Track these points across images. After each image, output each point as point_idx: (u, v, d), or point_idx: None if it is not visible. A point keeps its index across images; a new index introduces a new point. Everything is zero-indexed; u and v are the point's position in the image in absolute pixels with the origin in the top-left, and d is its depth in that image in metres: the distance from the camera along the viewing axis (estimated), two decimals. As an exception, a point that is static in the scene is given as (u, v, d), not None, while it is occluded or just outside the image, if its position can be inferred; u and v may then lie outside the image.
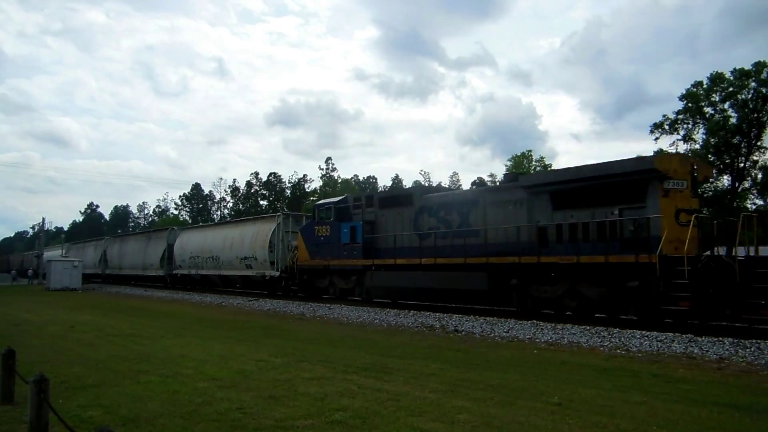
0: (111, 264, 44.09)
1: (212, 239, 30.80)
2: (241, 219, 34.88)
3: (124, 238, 46.15)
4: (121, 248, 43.07)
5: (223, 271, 29.69)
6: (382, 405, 6.18)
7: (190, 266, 32.57)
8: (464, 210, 17.20)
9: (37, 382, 4.80)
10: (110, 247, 45.51)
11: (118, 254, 42.96)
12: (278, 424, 5.44)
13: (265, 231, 26.34)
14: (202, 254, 31.21)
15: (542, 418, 5.69)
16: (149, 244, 38.47)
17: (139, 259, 38.85)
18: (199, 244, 31.98)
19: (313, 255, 21.99)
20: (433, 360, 9.57)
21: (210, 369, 8.33)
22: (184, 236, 34.83)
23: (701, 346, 10.36)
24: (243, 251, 27.50)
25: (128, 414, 5.80)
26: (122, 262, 42.13)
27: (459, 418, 5.68)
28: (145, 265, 37.88)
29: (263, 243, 26.04)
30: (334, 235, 21.06)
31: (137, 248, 39.79)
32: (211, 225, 35.63)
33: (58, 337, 12.52)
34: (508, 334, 12.88)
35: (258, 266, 26.51)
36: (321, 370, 8.33)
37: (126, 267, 41.40)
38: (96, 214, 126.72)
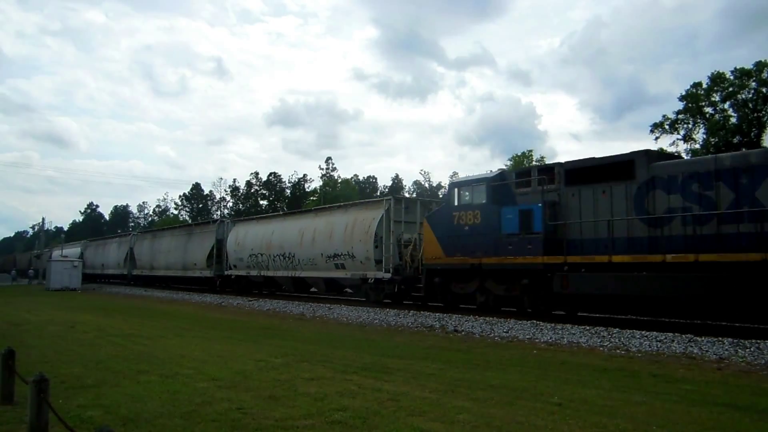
0: (140, 263, 38.57)
1: (282, 232, 24.77)
2: (326, 207, 27.39)
3: (156, 233, 39.71)
4: (153, 245, 37.38)
5: (300, 273, 23.45)
6: (382, 405, 6.18)
7: (250, 266, 26.68)
8: (746, 182, 11.44)
9: (37, 382, 4.80)
10: (139, 244, 39.97)
11: (150, 252, 37.37)
12: (278, 424, 5.44)
13: (367, 221, 20.07)
14: (268, 251, 25.12)
15: (542, 418, 5.69)
16: (191, 239, 32.49)
17: (178, 258, 33.16)
18: (262, 239, 25.81)
19: (450, 251, 16.28)
20: (433, 360, 9.57)
21: (210, 369, 8.33)
22: (240, 230, 28.53)
23: (701, 346, 10.36)
24: (332, 247, 21.34)
25: (128, 414, 5.80)
26: (155, 261, 36.47)
27: (459, 418, 5.68)
28: (187, 265, 32.28)
29: (365, 236, 19.85)
30: (488, 223, 15.40)
31: (175, 245, 33.88)
32: (280, 215, 28.35)
33: (58, 337, 12.52)
34: (508, 334, 12.88)
35: (355, 266, 20.44)
36: (321, 370, 8.33)
37: (160, 267, 35.70)
38: (96, 214, 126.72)
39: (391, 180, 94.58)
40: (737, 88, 42.87)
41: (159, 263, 35.97)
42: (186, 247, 32.58)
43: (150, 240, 38.82)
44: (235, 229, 29.11)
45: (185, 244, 32.88)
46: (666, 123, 46.25)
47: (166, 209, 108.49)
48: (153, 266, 36.76)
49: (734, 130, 42.80)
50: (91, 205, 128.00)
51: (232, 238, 28.52)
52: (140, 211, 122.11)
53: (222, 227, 30.47)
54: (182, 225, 40.62)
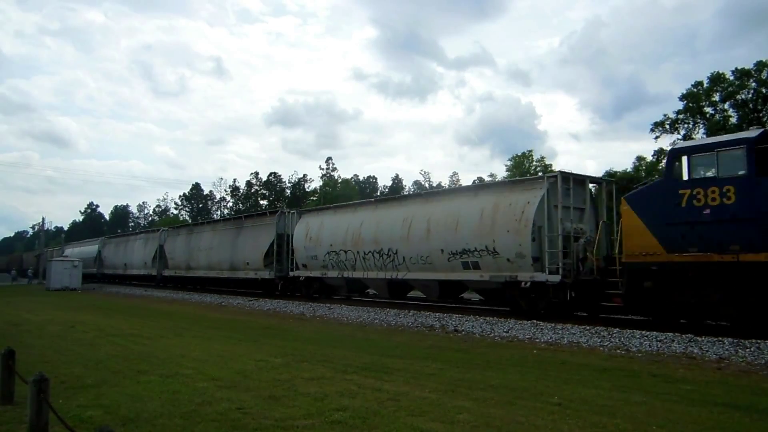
0: (173, 263, 33.83)
1: (378, 224, 19.52)
2: (443, 190, 21.28)
3: (194, 228, 34.42)
4: (190, 242, 32.28)
5: (405, 274, 18.37)
6: (382, 405, 6.18)
7: (327, 265, 21.64)
8: None
9: (37, 382, 4.80)
10: (171, 240, 34.92)
11: (185, 250, 32.45)
12: (278, 424, 5.44)
13: (519, 205, 15.06)
14: (355, 247, 20.11)
15: (542, 418, 5.69)
16: (242, 234, 27.61)
17: (224, 256, 28.40)
18: (347, 233, 20.66)
19: (675, 243, 11.85)
20: (433, 360, 9.57)
21: (210, 369, 8.33)
22: (311, 221, 23.33)
23: (701, 346, 10.36)
24: (459, 241, 16.26)
25: (128, 414, 5.81)
26: (193, 260, 31.55)
27: (459, 418, 5.68)
28: (236, 264, 27.30)
29: (516, 226, 14.83)
30: (751, 202, 10.97)
31: (220, 241, 29.22)
32: (371, 202, 22.36)
33: (58, 337, 12.52)
34: (508, 334, 12.88)
35: (497, 266, 15.39)
36: (321, 370, 8.33)
37: (200, 266, 30.78)
38: (96, 214, 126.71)
39: (391, 180, 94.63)
40: (737, 88, 42.88)
41: (198, 262, 30.94)
42: (235, 244, 27.50)
43: (186, 236, 33.37)
44: (304, 221, 23.78)
45: (234, 239, 27.83)
46: (666, 123, 46.27)
47: (166, 209, 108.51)
48: (190, 266, 31.82)
49: (734, 130, 42.79)
50: (91, 205, 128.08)
51: (300, 231, 23.35)
52: (140, 211, 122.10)
53: (284, 219, 25.31)
54: (228, 218, 33.98)
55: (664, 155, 37.05)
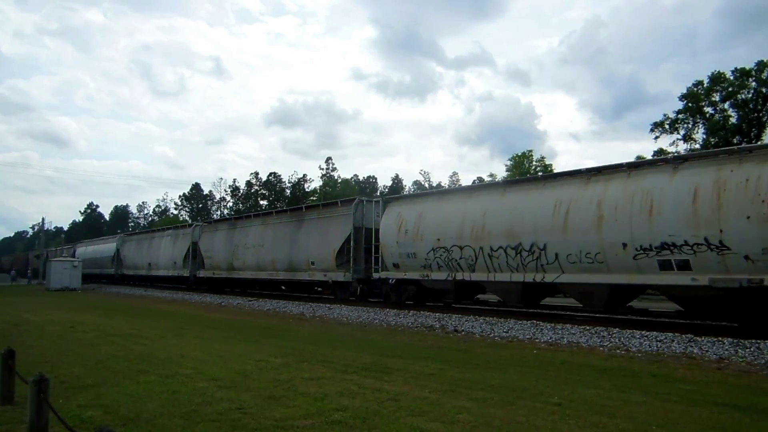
0: (211, 262, 29.63)
1: (510, 211, 15.19)
2: (616, 165, 14.00)
3: (238, 222, 29.36)
4: (233, 238, 27.92)
5: (557, 276, 14.12)
6: (382, 405, 6.18)
7: (431, 265, 17.26)
8: None
9: (37, 382, 4.79)
10: (207, 237, 30.70)
11: (227, 247, 28.09)
12: (278, 424, 5.44)
13: (766, 181, 10.91)
14: (477, 242, 15.75)
15: (542, 418, 5.69)
16: (304, 228, 23.19)
17: (281, 254, 23.90)
18: (461, 223, 16.33)
19: None
20: (433, 360, 9.57)
21: (210, 369, 8.33)
22: (403, 210, 18.72)
23: (701, 346, 10.36)
24: (652, 232, 12.31)
25: (128, 414, 5.80)
26: (238, 260, 27.01)
27: (459, 418, 5.68)
28: (296, 264, 23.01)
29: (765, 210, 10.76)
30: None
31: (275, 237, 24.71)
32: (497, 186, 18.24)
33: (58, 337, 12.52)
34: (508, 334, 12.88)
35: (720, 265, 11.37)
36: (321, 370, 8.33)
37: (246, 267, 26.33)
38: (96, 214, 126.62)
39: (391, 180, 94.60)
40: (737, 88, 42.87)
41: (244, 262, 26.52)
42: (296, 240, 23.24)
43: (226, 232, 29.11)
44: (393, 210, 19.18)
45: (293, 235, 23.57)
46: (666, 123, 46.25)
47: (166, 209, 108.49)
48: (233, 266, 27.45)
49: (734, 130, 42.78)
50: (91, 205, 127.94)
51: (389, 224, 18.84)
52: (140, 211, 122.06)
53: (361, 209, 20.68)
54: (285, 209, 28.67)
55: (663, 155, 37.05)
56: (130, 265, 40.73)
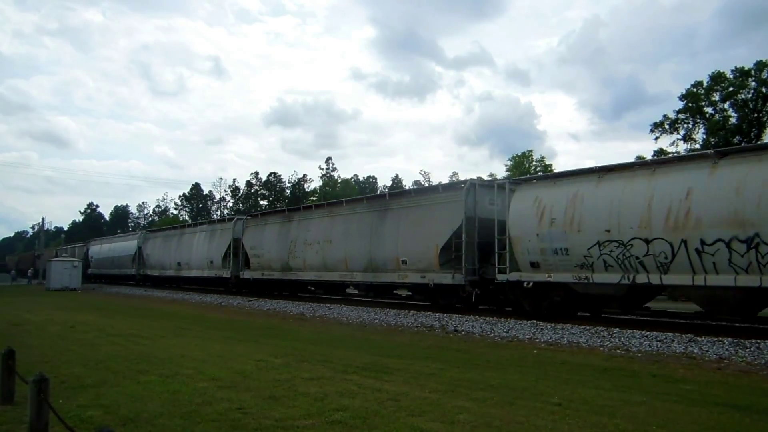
0: (260, 262, 25.26)
1: (736, 189, 11.16)
2: None
3: (293, 215, 24.47)
4: (289, 233, 23.41)
5: None
6: (382, 405, 6.18)
7: (592, 264, 13.35)
8: None
9: (37, 382, 4.79)
10: (254, 231, 26.27)
11: (281, 243, 23.66)
12: (278, 424, 5.44)
13: None
14: (674, 233, 11.88)
15: (542, 418, 5.69)
16: (389, 219, 18.82)
17: (356, 251, 19.61)
18: (646, 208, 12.43)
19: None
20: (433, 360, 9.57)
21: (210, 369, 8.33)
22: (543, 195, 14.67)
23: (701, 346, 10.36)
24: None
25: (128, 414, 5.80)
26: (296, 258, 22.59)
27: (459, 418, 5.68)
28: (380, 263, 18.80)
29: None
30: None
31: (348, 230, 20.29)
32: (693, 157, 13.76)
33: (58, 337, 12.52)
34: (508, 334, 12.88)
35: None
36: (321, 370, 8.33)
37: (308, 266, 22.10)
38: (96, 214, 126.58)
39: (391, 180, 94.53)
40: (737, 87, 42.88)
41: (303, 261, 22.26)
42: (379, 234, 18.86)
43: (280, 225, 24.54)
44: (527, 194, 15.17)
45: (374, 228, 19.11)
46: (666, 123, 46.25)
47: (166, 209, 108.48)
48: (291, 266, 23.09)
49: (734, 130, 42.79)
50: (91, 205, 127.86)
51: (523, 211, 14.89)
52: (140, 211, 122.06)
53: (473, 195, 16.51)
54: (361, 197, 23.76)
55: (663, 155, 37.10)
56: (154, 265, 36.36)
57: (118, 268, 42.58)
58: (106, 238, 52.50)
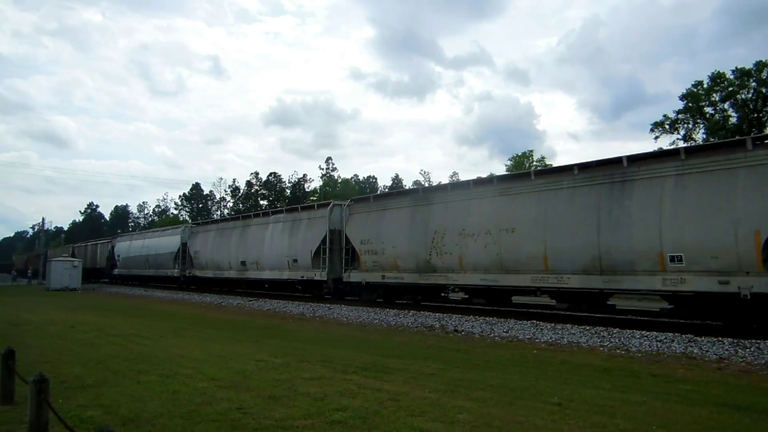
0: (374, 260, 19.39)
1: None
2: None
3: (429, 195, 18.51)
4: (427, 220, 17.59)
5: None
6: (382, 405, 6.18)
7: None
8: None
9: (37, 382, 4.79)
10: (364, 219, 20.26)
11: (414, 235, 17.92)
12: (278, 424, 5.44)
13: None
14: None
15: (542, 418, 5.69)
16: (625, 199, 12.87)
17: (566, 243, 13.90)
18: None
19: None
20: (433, 360, 9.57)
21: (210, 369, 8.33)
22: None
23: (701, 346, 10.37)
24: None
25: (128, 414, 5.80)
26: (440, 254, 16.97)
27: (459, 418, 5.68)
28: (611, 260, 12.95)
29: None
30: None
31: (544, 215, 14.47)
32: None
33: (58, 337, 12.51)
34: (508, 334, 12.88)
35: None
36: (321, 370, 8.33)
37: (467, 266, 16.22)
38: (96, 214, 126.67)
39: (391, 180, 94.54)
40: (737, 88, 42.89)
41: (461, 258, 16.23)
42: (611, 219, 13.06)
43: (410, 210, 18.36)
44: None
45: (604, 210, 13.23)
46: (666, 123, 46.26)
47: (166, 209, 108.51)
48: (433, 265, 17.14)
49: (734, 130, 42.78)
50: (91, 205, 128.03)
51: None
52: (140, 211, 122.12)
53: None
54: (570, 166, 14.63)
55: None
56: (207, 264, 30.23)
57: (154, 269, 36.57)
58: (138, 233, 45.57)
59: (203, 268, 30.95)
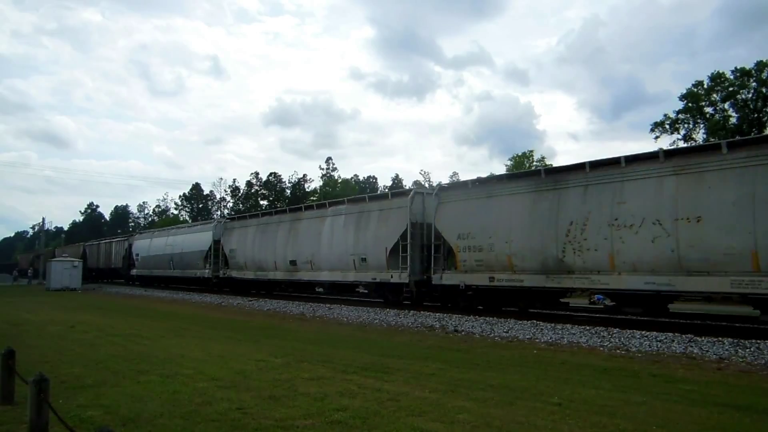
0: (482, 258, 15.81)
1: None
2: None
3: (563, 176, 14.47)
4: (558, 206, 14.06)
5: None
6: (382, 405, 6.18)
7: None
8: None
9: (37, 382, 4.79)
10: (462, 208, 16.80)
11: (538, 224, 14.39)
12: (278, 424, 5.44)
13: None
14: None
15: (542, 418, 5.69)
16: None
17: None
18: None
19: None
20: (433, 360, 9.57)
21: (210, 369, 8.33)
22: None
23: (701, 346, 10.36)
24: None
25: (128, 414, 5.80)
26: (585, 251, 13.36)
27: (459, 418, 5.68)
28: None
29: None
30: None
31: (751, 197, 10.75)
32: None
33: (58, 337, 12.52)
34: (508, 334, 12.88)
35: None
36: (321, 370, 8.33)
37: (623, 265, 12.73)
38: (96, 214, 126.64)
39: (391, 180, 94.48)
40: (737, 88, 42.88)
41: (611, 254, 12.96)
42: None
43: (535, 195, 14.89)
44: None
45: None
46: (666, 123, 46.25)
47: (166, 209, 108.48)
48: (568, 264, 13.73)
49: (734, 130, 42.77)
50: (91, 205, 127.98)
51: None
52: (140, 211, 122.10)
53: None
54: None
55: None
56: (246, 264, 26.94)
57: (180, 269, 32.70)
58: (160, 229, 41.17)
59: (241, 268, 27.39)
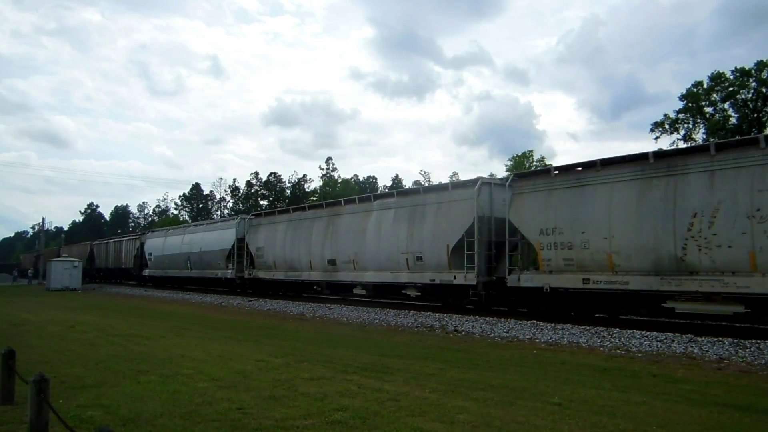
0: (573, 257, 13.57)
1: None
2: None
3: (683, 160, 12.01)
4: (673, 196, 11.83)
5: None
6: (382, 405, 6.18)
7: None
8: None
9: (37, 382, 4.79)
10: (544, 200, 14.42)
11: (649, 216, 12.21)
12: (278, 424, 5.44)
13: None
14: None
15: (542, 418, 5.69)
16: None
17: None
18: None
19: None
20: (433, 360, 9.57)
21: (210, 369, 8.33)
22: None
23: (701, 346, 10.36)
24: None
25: (128, 414, 5.80)
26: (715, 248, 11.16)
27: (459, 418, 5.68)
28: None
29: None
30: None
31: None
32: None
33: (58, 337, 12.52)
34: (508, 334, 12.88)
35: None
36: (321, 370, 8.33)
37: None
38: (96, 214, 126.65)
39: (391, 180, 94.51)
40: (737, 87, 42.91)
41: (753, 255, 10.71)
42: None
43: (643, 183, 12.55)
44: None
45: None
46: (666, 122, 46.28)
47: (166, 209, 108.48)
48: (690, 263, 11.59)
49: (734, 130, 42.80)
50: (91, 205, 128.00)
51: None
52: (140, 211, 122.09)
53: None
54: None
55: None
56: (276, 264, 24.47)
57: (198, 270, 30.46)
58: (176, 227, 38.72)
59: (269, 268, 24.95)
